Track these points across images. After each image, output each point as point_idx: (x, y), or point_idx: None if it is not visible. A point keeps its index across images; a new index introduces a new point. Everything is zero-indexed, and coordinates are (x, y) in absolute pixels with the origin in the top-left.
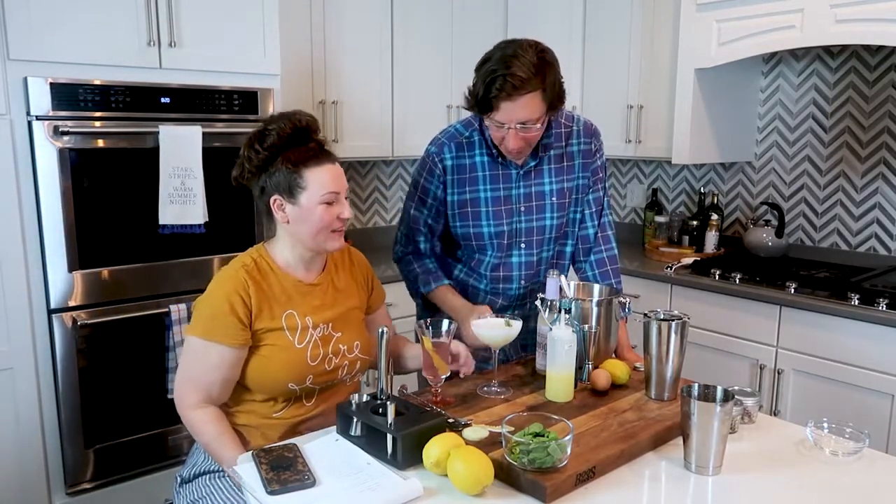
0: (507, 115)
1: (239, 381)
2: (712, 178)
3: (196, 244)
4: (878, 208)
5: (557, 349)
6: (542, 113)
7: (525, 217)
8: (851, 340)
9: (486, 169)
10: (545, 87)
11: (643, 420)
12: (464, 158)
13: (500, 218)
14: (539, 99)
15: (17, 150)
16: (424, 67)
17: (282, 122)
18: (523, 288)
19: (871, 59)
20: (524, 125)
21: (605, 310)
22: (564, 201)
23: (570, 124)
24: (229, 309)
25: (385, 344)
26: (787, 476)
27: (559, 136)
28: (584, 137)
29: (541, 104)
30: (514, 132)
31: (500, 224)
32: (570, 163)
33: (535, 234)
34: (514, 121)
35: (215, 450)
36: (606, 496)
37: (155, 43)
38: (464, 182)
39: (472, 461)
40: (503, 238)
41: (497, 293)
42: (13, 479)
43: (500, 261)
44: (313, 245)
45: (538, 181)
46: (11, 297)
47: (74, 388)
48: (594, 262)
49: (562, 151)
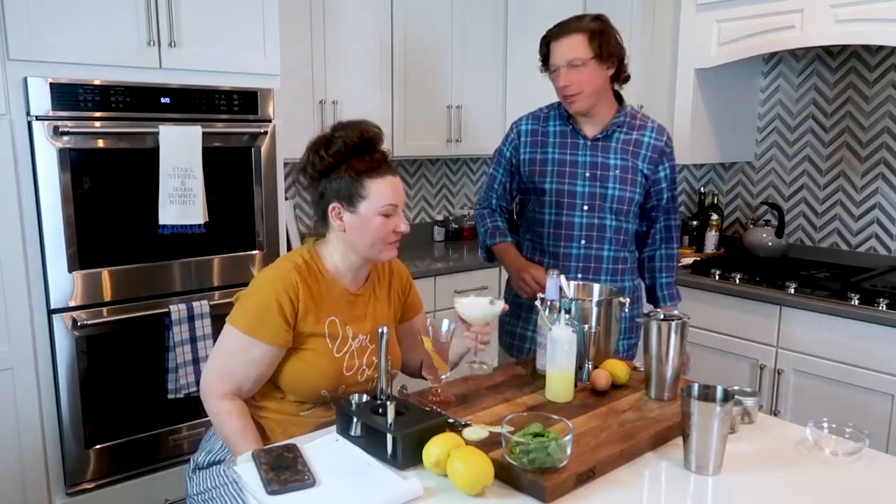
0: (556, 57)
1: (271, 378)
2: (712, 177)
3: (196, 244)
4: (878, 208)
5: (557, 349)
6: (587, 55)
7: (589, 182)
8: (851, 340)
9: (557, 136)
10: (591, 33)
11: (643, 420)
12: (538, 125)
13: (563, 177)
14: (584, 41)
15: (17, 150)
16: (424, 67)
17: (349, 131)
18: (584, 248)
19: (871, 59)
20: (571, 64)
21: (604, 310)
22: (627, 176)
23: (645, 120)
24: (277, 308)
25: (385, 344)
26: (787, 476)
27: (631, 125)
28: (657, 134)
29: (586, 46)
30: (563, 70)
31: (563, 183)
32: (636, 149)
33: (598, 199)
34: (563, 60)
35: (235, 443)
36: (606, 496)
37: (155, 43)
38: (536, 143)
39: (472, 461)
40: (563, 196)
41: (557, 255)
42: (13, 479)
43: (560, 218)
44: (367, 255)
45: (605, 154)
46: (11, 297)
47: (74, 388)
48: (656, 257)
49: (632, 137)
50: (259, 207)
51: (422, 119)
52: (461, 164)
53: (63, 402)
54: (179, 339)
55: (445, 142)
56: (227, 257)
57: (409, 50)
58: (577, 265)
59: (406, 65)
